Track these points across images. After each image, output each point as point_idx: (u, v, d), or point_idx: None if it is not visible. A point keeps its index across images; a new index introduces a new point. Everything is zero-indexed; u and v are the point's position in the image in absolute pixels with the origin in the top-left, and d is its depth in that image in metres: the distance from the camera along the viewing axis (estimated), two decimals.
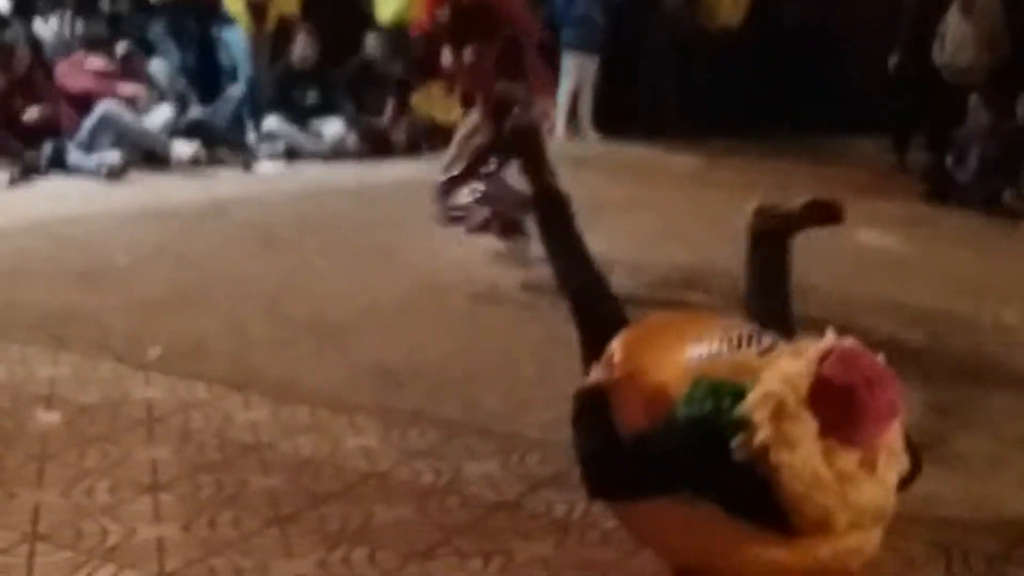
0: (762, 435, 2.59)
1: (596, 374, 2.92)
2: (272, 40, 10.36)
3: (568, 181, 9.79)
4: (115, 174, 8.10)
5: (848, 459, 2.61)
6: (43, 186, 7.90)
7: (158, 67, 9.59)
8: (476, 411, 3.93)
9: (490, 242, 6.54)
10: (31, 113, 8.23)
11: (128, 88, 8.87)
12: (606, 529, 3.07)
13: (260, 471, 3.36)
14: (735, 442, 2.61)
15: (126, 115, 8.62)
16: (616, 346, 2.98)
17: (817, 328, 4.01)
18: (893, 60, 10.26)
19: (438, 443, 3.63)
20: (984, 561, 2.98)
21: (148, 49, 9.87)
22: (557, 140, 11.47)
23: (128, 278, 5.54)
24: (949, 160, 9.00)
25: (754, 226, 3.53)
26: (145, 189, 7.97)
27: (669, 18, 11.52)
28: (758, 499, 2.59)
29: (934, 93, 9.84)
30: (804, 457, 2.58)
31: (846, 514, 2.58)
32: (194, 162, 8.63)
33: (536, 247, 4.29)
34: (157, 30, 10.24)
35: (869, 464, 2.65)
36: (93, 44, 9.29)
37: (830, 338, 2.73)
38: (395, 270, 5.95)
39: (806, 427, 2.60)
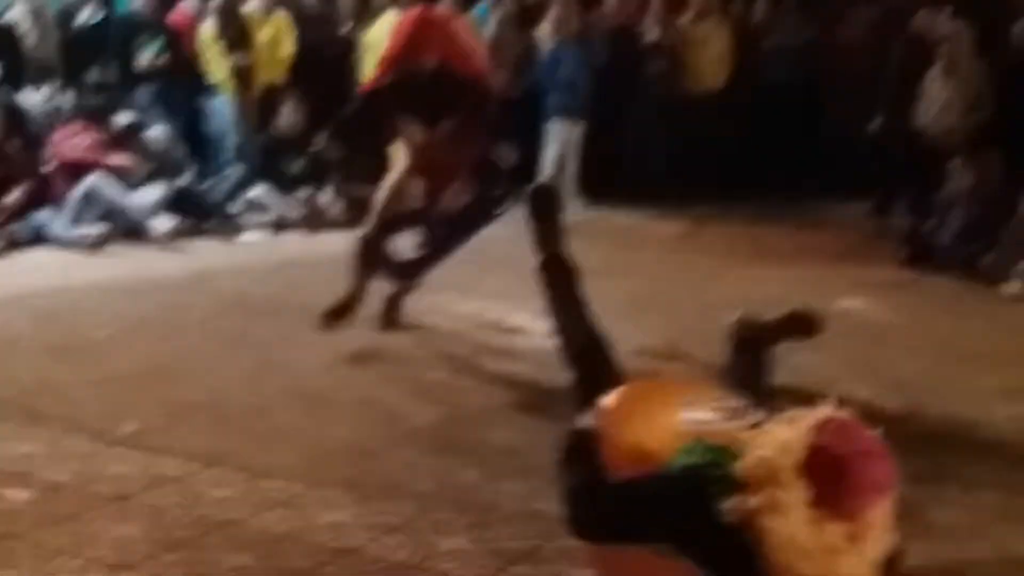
0: (754, 500, 2.61)
1: (587, 419, 2.98)
2: (259, 107, 10.41)
3: None
4: (97, 245, 8.14)
5: (836, 531, 2.61)
6: (23, 258, 7.90)
7: (156, 135, 9.61)
8: (450, 484, 3.93)
9: (471, 310, 6.57)
10: (9, 199, 8.24)
11: (118, 159, 8.91)
12: None
13: (230, 548, 3.35)
14: (726, 504, 2.62)
15: (113, 189, 8.66)
16: (609, 399, 3.05)
17: (796, 396, 4.02)
18: (875, 123, 10.35)
19: (411, 517, 3.61)
20: None
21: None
22: None
23: (106, 351, 5.53)
24: (930, 224, 9.06)
25: (735, 335, 3.61)
26: (127, 261, 7.97)
27: (653, 82, 11.62)
28: (742, 564, 2.60)
29: (916, 156, 9.91)
30: (793, 526, 2.57)
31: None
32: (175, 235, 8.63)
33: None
34: (144, 99, 10.30)
35: (856, 538, 2.65)
36: (90, 114, 9.35)
37: (826, 408, 2.75)
38: (374, 342, 5.94)
39: (798, 495, 2.61)
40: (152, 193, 8.88)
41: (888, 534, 2.68)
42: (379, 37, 10.81)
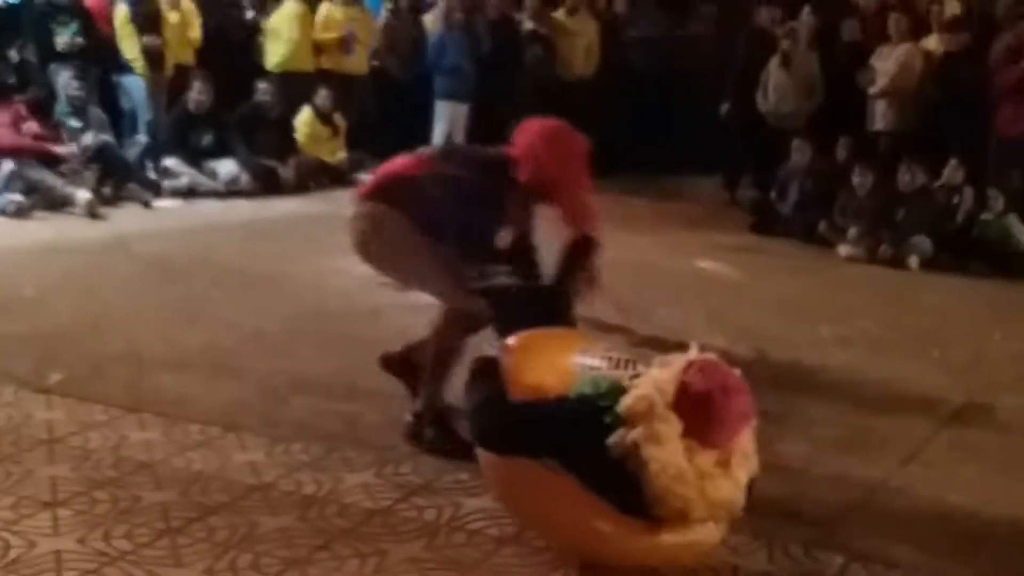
0: (634, 433, 2.67)
1: (492, 350, 3.14)
2: (169, 86, 10.21)
3: None
4: (22, 213, 7.87)
5: (706, 458, 2.70)
6: None
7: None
8: (356, 425, 3.90)
9: (370, 271, 6.50)
10: None
11: (61, 150, 8.61)
12: (471, 531, 3.07)
13: (153, 486, 3.28)
14: (612, 437, 2.67)
15: (34, 170, 8.37)
16: (513, 339, 3.14)
17: (661, 345, 4.08)
18: (724, 107, 10.51)
19: (320, 456, 3.58)
20: (802, 548, 3.05)
21: (53, 96, 9.60)
22: None
23: (32, 309, 5.36)
24: (773, 195, 9.24)
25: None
26: (51, 227, 7.73)
27: (529, 69, 11.63)
28: (624, 487, 2.65)
29: (760, 137, 10.10)
30: (669, 454, 2.66)
31: (702, 507, 2.69)
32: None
33: None
34: (63, 77, 9.98)
35: (724, 464, 2.73)
36: (3, 91, 9.02)
37: (693, 352, 2.81)
38: (282, 298, 5.87)
39: (672, 428, 2.67)
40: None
41: (752, 460, 2.76)
42: (281, 23, 10.69)
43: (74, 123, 9.09)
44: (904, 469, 3.75)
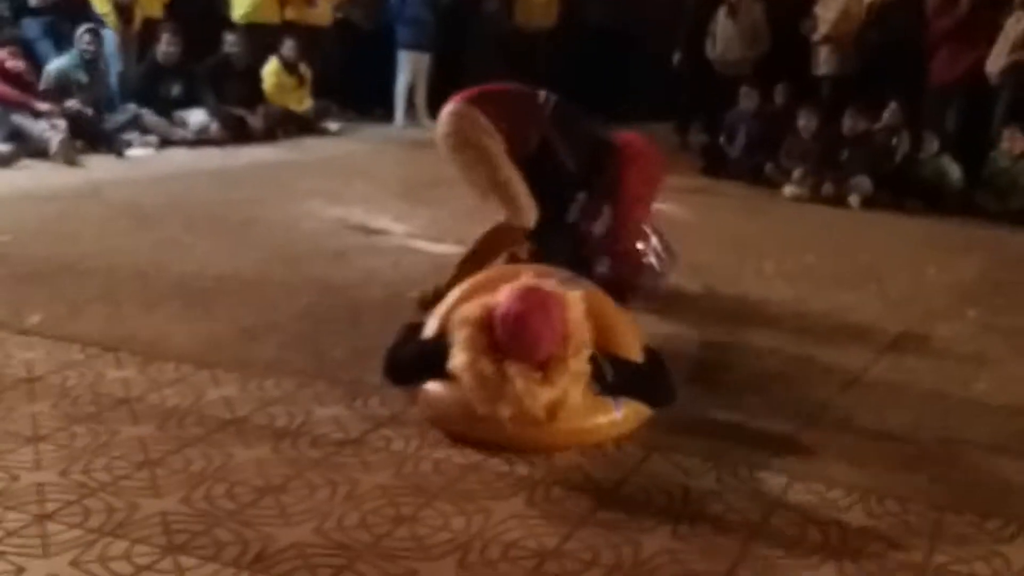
0: (456, 343, 3.14)
1: (421, 317, 3.68)
2: (139, 39, 10.04)
3: (409, 161, 9.79)
4: (5, 162, 7.71)
5: (515, 368, 3.02)
6: None
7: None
8: (325, 361, 3.88)
9: (339, 215, 6.46)
10: None
11: (44, 106, 8.42)
12: (437, 459, 3.07)
13: (130, 421, 3.25)
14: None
15: (17, 116, 8.20)
16: (452, 295, 3.56)
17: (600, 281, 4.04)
18: (676, 57, 10.46)
19: (292, 391, 3.56)
20: (748, 469, 3.08)
21: (27, 48, 9.40)
22: (397, 126, 11.40)
23: (10, 253, 5.27)
24: (722, 140, 9.25)
25: None
26: (26, 175, 7.59)
27: (488, 20, 11.51)
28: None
29: (708, 83, 10.08)
30: (473, 361, 3.07)
31: (509, 408, 3.02)
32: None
33: None
34: (34, 30, 9.78)
35: (546, 376, 3.04)
36: None
37: (526, 278, 3.24)
38: (253, 241, 5.81)
39: (484, 341, 3.09)
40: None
41: (584, 380, 3.12)
42: None
43: (81, 76, 8.91)
44: (844, 394, 3.79)
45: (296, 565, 2.46)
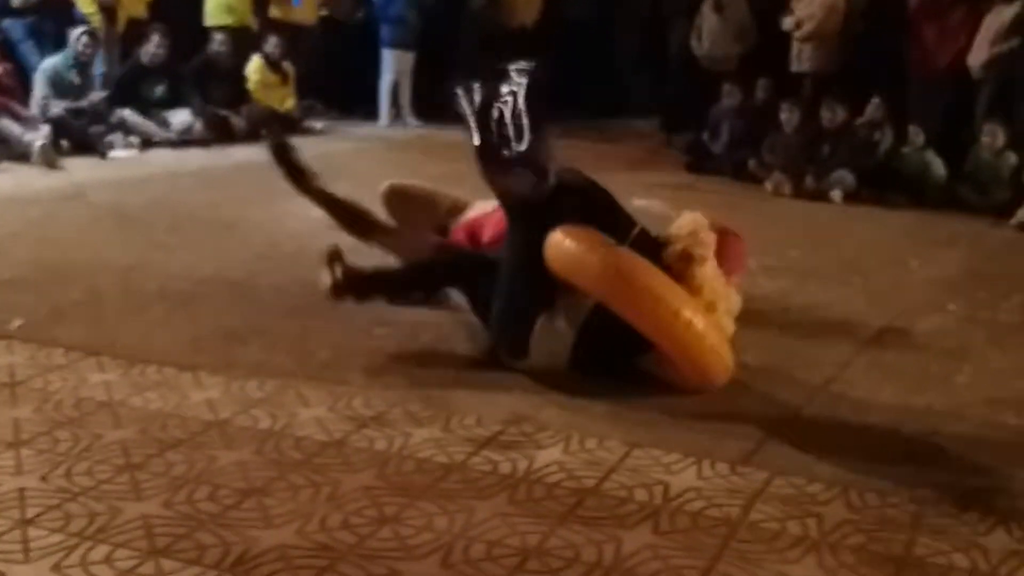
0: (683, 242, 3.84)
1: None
2: (123, 39, 10.01)
3: (393, 160, 9.74)
4: None
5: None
6: None
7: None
8: (309, 363, 3.88)
9: (322, 215, 6.44)
10: None
11: (18, 108, 8.39)
12: (419, 459, 3.08)
13: (112, 425, 3.25)
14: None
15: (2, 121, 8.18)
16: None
17: None
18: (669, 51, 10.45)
19: (275, 392, 3.56)
20: (728, 465, 3.10)
21: (10, 50, 9.38)
22: (381, 125, 11.39)
23: None
24: (705, 136, 9.26)
25: None
26: (9, 177, 7.57)
27: (474, 18, 11.50)
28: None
29: (693, 79, 10.09)
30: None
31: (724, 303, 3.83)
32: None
33: None
34: (17, 32, 9.74)
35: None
36: None
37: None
38: (237, 242, 5.81)
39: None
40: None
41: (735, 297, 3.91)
42: None
43: (73, 77, 8.88)
44: (827, 389, 3.81)
45: (278, 567, 2.47)
